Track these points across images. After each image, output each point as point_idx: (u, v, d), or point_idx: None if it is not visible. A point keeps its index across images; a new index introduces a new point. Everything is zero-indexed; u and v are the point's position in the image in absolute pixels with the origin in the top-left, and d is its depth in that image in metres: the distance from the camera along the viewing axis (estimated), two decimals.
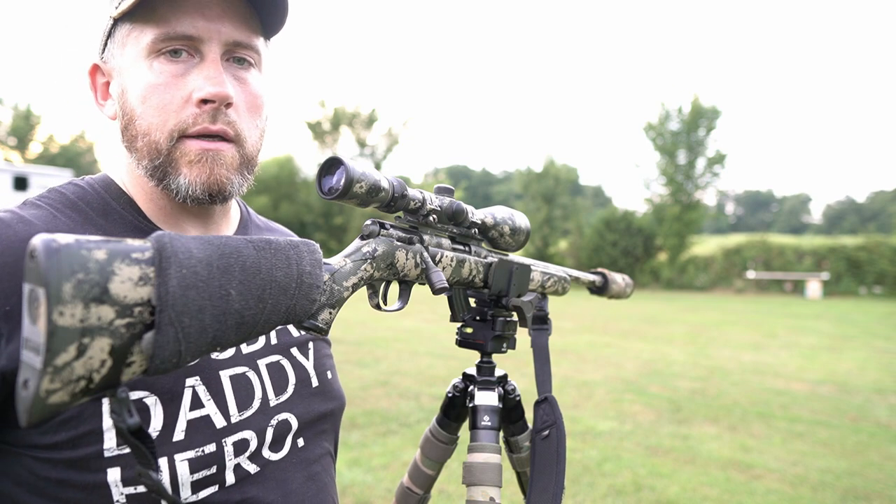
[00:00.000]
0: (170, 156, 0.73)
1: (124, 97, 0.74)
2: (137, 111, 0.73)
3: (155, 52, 0.72)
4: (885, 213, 55.43)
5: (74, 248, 0.44)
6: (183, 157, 0.73)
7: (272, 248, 0.59)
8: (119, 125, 0.76)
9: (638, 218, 24.93)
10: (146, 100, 0.72)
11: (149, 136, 0.73)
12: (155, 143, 0.73)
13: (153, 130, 0.72)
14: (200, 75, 0.72)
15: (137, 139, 0.74)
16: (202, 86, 0.72)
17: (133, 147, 0.74)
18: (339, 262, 0.70)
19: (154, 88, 0.72)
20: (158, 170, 0.73)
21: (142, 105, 0.72)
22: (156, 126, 0.72)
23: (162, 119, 0.72)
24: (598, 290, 1.28)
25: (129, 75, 0.74)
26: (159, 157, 0.73)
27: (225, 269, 0.53)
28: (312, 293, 0.62)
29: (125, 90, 0.74)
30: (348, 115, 32.79)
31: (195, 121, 0.72)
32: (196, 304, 0.50)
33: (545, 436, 0.92)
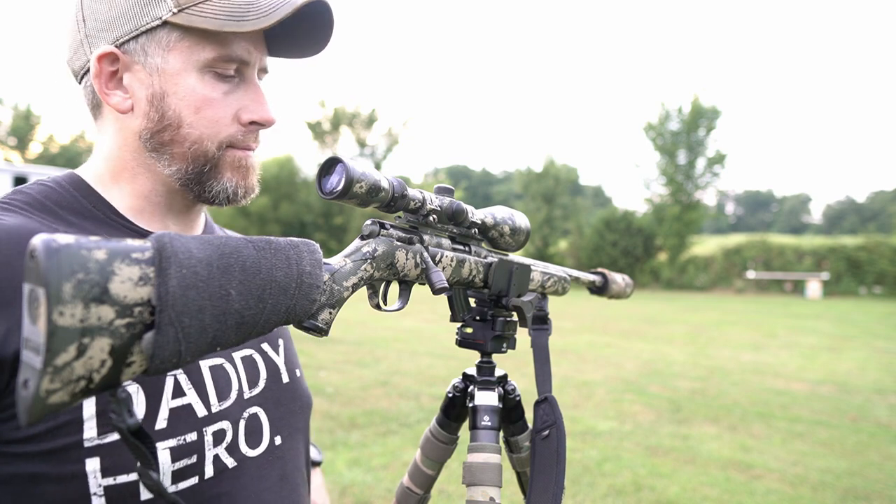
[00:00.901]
0: (217, 163, 0.78)
1: (164, 100, 0.75)
2: (187, 119, 0.75)
3: (208, 68, 0.75)
4: (885, 213, 55.39)
5: (74, 248, 0.44)
6: (227, 164, 0.79)
7: (272, 247, 0.59)
8: (143, 124, 0.76)
9: (638, 218, 24.95)
10: (199, 111, 0.75)
11: (199, 145, 0.76)
12: (205, 151, 0.77)
13: (205, 140, 0.76)
14: (247, 97, 0.78)
15: (182, 144, 0.76)
16: (254, 109, 0.78)
17: (169, 151, 0.77)
18: (339, 262, 0.70)
19: (209, 102, 0.76)
20: (201, 174, 0.78)
21: (194, 115, 0.75)
22: (208, 136, 0.76)
23: (214, 131, 0.77)
24: (598, 290, 1.28)
25: (174, 81, 0.75)
26: (206, 164, 0.78)
27: (225, 269, 0.53)
28: (312, 293, 0.62)
29: (166, 93, 0.75)
30: (348, 115, 32.79)
31: (244, 138, 0.79)
32: (196, 304, 0.50)
33: (545, 436, 0.92)
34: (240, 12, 0.73)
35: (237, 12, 0.73)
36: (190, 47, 0.74)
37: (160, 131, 0.75)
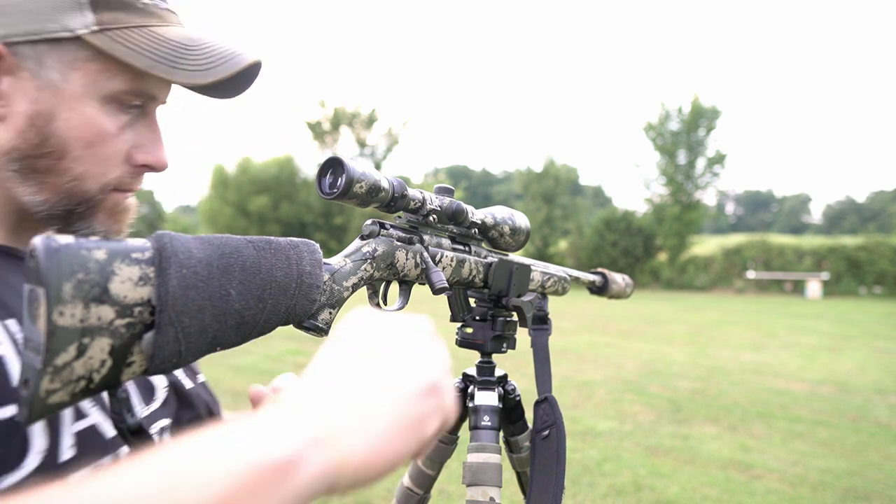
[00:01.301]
0: (94, 205, 0.67)
1: (50, 124, 0.63)
2: (74, 152, 0.64)
3: (113, 99, 0.65)
4: (885, 213, 55.41)
5: (74, 248, 0.45)
6: (105, 208, 0.68)
7: (272, 247, 0.59)
8: (14, 142, 0.62)
9: (638, 218, 24.95)
10: (91, 146, 0.64)
11: (80, 183, 0.65)
12: (85, 191, 0.66)
13: (89, 179, 0.65)
14: (145, 136, 0.68)
15: (60, 177, 0.64)
16: (150, 150, 0.68)
17: (41, 179, 0.64)
18: (339, 262, 0.70)
19: (104, 138, 0.65)
20: (71, 214, 0.66)
21: (84, 149, 0.64)
22: (93, 175, 0.65)
23: (101, 171, 0.66)
24: (598, 290, 1.28)
25: (69, 106, 0.63)
26: (82, 205, 0.66)
27: (225, 268, 0.53)
28: (312, 293, 0.62)
29: (55, 116, 0.63)
30: (348, 115, 32.80)
31: (130, 181, 0.68)
32: (196, 304, 0.50)
33: (545, 436, 0.92)
34: (173, 56, 0.64)
35: (170, 55, 0.64)
36: (99, 72, 0.63)
37: (36, 157, 0.63)
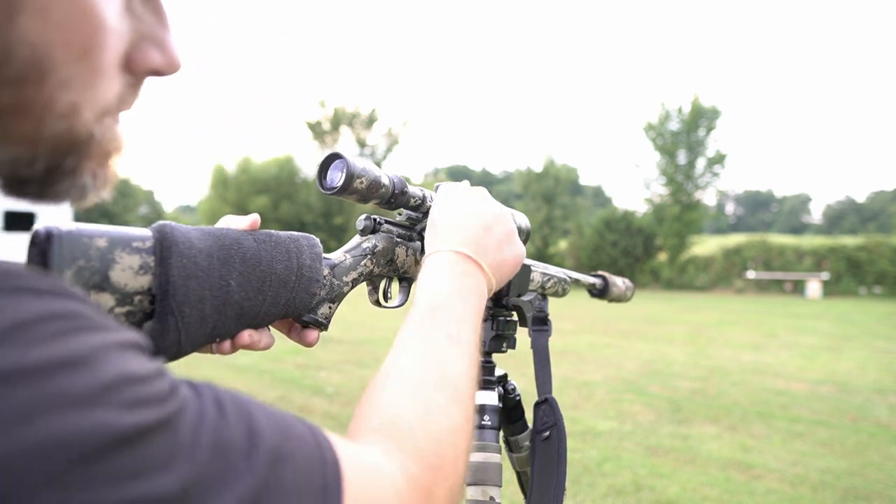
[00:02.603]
0: (85, 149, 0.40)
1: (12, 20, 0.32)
2: (58, 71, 0.35)
3: None
4: (885, 213, 55.44)
5: (76, 236, 0.45)
6: (99, 149, 0.41)
7: (272, 240, 0.59)
8: None
9: (638, 218, 24.95)
10: (87, 54, 0.36)
11: (71, 122, 0.37)
12: (76, 134, 0.38)
13: (82, 111, 0.38)
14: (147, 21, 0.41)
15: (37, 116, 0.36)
16: (158, 44, 0.41)
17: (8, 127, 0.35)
18: (340, 258, 0.70)
19: (104, 36, 0.36)
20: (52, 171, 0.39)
21: (76, 63, 0.35)
22: (88, 103, 0.38)
23: (98, 92, 0.38)
24: (598, 293, 1.27)
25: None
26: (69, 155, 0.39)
27: (225, 259, 0.53)
28: (312, 287, 0.62)
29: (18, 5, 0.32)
30: (348, 115, 32.79)
31: (126, 99, 0.42)
32: (196, 294, 0.50)
33: (546, 437, 0.91)
34: None
35: None
36: None
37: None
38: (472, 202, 0.71)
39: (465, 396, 0.52)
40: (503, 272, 0.70)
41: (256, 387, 5.40)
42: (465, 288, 0.61)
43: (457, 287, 0.61)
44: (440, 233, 0.67)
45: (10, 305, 0.29)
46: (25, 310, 0.29)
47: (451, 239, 0.66)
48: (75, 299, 0.32)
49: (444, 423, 0.47)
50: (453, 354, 0.53)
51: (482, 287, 0.64)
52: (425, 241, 0.69)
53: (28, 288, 0.30)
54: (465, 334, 0.57)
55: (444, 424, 0.47)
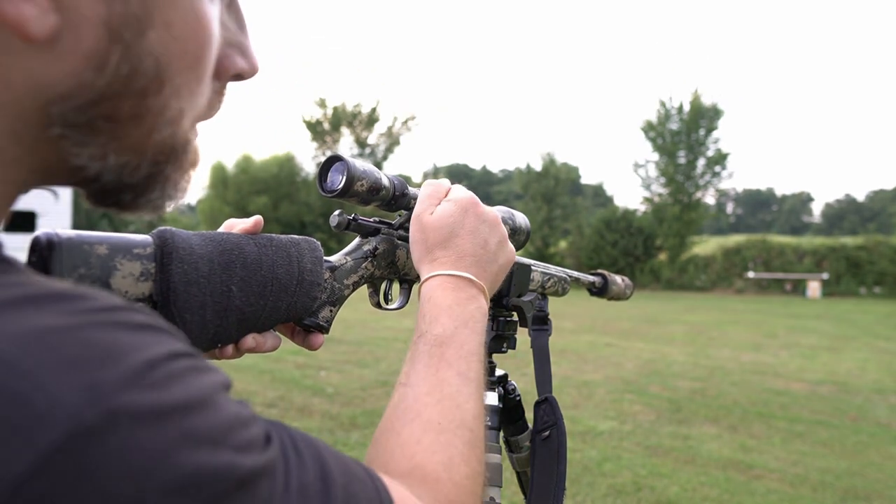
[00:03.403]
0: (182, 155, 0.41)
1: (140, 35, 0.34)
2: (174, 80, 0.37)
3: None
4: (885, 212, 55.42)
5: (76, 243, 0.45)
6: (192, 156, 0.43)
7: (273, 244, 0.59)
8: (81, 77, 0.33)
9: (638, 218, 24.94)
10: (199, 63, 0.38)
11: (175, 128, 0.39)
12: (177, 140, 0.40)
13: (185, 116, 0.39)
14: (233, 28, 0.43)
15: (150, 124, 0.37)
16: (243, 50, 0.44)
17: (114, 133, 0.36)
18: (340, 260, 0.69)
19: (213, 45, 0.39)
20: (154, 177, 0.40)
21: (188, 72, 0.37)
22: (189, 109, 0.39)
23: (199, 100, 0.40)
24: (597, 291, 1.27)
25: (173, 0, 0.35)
26: (170, 164, 0.40)
27: (226, 265, 0.53)
28: (313, 290, 0.62)
29: (151, 22, 0.34)
30: (348, 115, 32.77)
31: (213, 107, 0.43)
32: (198, 300, 0.50)
33: (546, 436, 0.92)
34: None
35: None
36: None
37: (116, 98, 0.35)
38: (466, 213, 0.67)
39: (479, 439, 0.53)
40: (497, 282, 0.71)
41: (256, 387, 5.40)
42: (471, 317, 0.61)
43: (462, 317, 0.60)
44: (437, 251, 0.65)
45: (141, 343, 0.29)
46: (154, 349, 0.30)
47: (451, 260, 0.65)
48: (179, 337, 0.33)
49: (465, 471, 0.49)
50: (466, 394, 0.54)
51: (485, 308, 0.64)
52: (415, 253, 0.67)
53: (149, 325, 0.31)
54: (473, 370, 0.57)
55: (466, 473, 0.49)
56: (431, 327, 0.59)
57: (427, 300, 0.62)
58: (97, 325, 0.29)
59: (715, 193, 26.59)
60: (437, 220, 0.67)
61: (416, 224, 0.68)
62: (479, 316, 0.63)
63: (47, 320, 0.28)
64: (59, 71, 0.33)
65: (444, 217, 0.67)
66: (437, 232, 0.66)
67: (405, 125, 33.23)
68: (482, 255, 0.67)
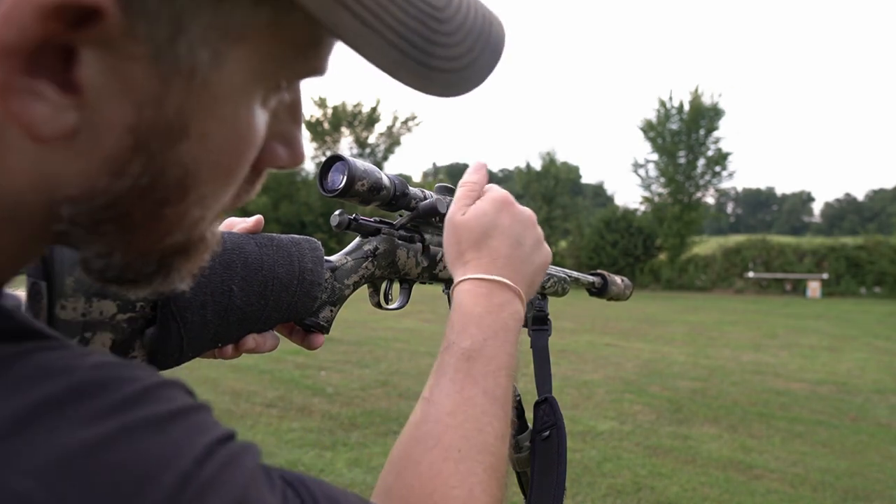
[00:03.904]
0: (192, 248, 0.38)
1: (172, 146, 0.31)
2: (200, 188, 0.33)
3: (273, 88, 0.35)
4: (885, 212, 55.42)
5: None
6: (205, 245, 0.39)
7: (274, 244, 0.59)
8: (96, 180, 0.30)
9: (638, 218, 24.94)
10: (231, 173, 0.35)
11: (187, 232, 0.36)
12: (185, 240, 0.37)
13: (204, 220, 0.36)
14: (286, 122, 0.39)
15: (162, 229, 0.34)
16: (291, 142, 0.39)
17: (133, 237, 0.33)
18: (341, 260, 0.69)
19: (252, 154, 0.35)
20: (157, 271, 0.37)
21: (218, 182, 0.34)
22: (210, 214, 0.36)
23: (221, 204, 0.37)
24: (597, 291, 1.27)
25: (215, 109, 0.31)
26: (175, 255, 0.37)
27: (227, 264, 0.53)
28: (314, 290, 0.62)
29: (183, 131, 0.31)
30: (348, 115, 32.77)
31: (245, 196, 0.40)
32: (198, 299, 0.50)
33: (546, 436, 0.92)
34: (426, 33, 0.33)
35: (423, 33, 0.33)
36: (283, 45, 0.32)
37: (132, 202, 0.31)
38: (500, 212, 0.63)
39: (501, 462, 0.51)
40: (535, 285, 0.66)
41: (256, 387, 5.40)
42: (503, 326, 0.57)
43: (493, 327, 0.57)
44: (470, 254, 0.61)
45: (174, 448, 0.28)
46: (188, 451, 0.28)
47: (484, 263, 0.60)
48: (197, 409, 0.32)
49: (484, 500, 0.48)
50: (491, 414, 0.52)
51: (519, 314, 0.60)
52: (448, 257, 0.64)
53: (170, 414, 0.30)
54: (501, 386, 0.55)
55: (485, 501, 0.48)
56: (459, 339, 0.55)
57: (457, 308, 0.58)
58: (125, 431, 0.27)
59: (715, 193, 26.61)
60: (469, 219, 0.62)
61: (448, 225, 0.64)
62: (513, 324, 0.59)
63: (67, 439, 0.25)
64: (71, 172, 0.29)
65: (478, 216, 0.63)
66: (470, 233, 0.62)
67: (405, 125, 33.23)
68: (517, 257, 0.62)
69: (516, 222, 0.64)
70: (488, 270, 0.60)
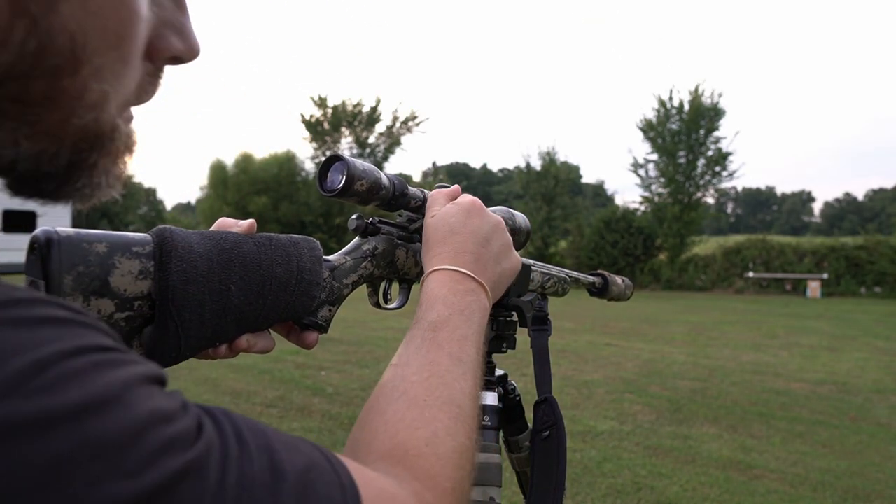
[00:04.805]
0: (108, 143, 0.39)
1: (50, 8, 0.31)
2: (94, 59, 0.34)
3: None
4: (885, 212, 55.45)
5: (75, 241, 0.45)
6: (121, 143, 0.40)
7: (272, 243, 0.59)
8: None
9: (638, 218, 24.93)
10: (122, 41, 0.35)
11: (99, 114, 0.36)
12: (100, 124, 0.37)
13: (110, 102, 0.36)
14: (168, 5, 0.40)
15: (67, 107, 0.34)
16: (180, 30, 0.40)
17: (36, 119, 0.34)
18: (340, 260, 0.70)
19: (139, 21, 0.36)
20: (75, 167, 0.37)
21: (110, 50, 0.34)
22: (116, 94, 0.37)
23: (125, 83, 0.37)
24: (597, 291, 1.27)
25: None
26: (94, 149, 0.38)
27: (225, 264, 0.53)
28: (312, 290, 0.62)
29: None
30: (348, 115, 32.75)
31: (148, 89, 0.41)
32: (196, 298, 0.50)
33: (546, 436, 0.92)
34: None
35: None
36: None
37: (23, 77, 0.32)
38: (468, 214, 0.69)
39: (469, 416, 0.52)
40: (501, 286, 0.70)
41: (256, 387, 5.40)
42: (467, 307, 0.61)
43: (458, 306, 0.61)
44: (437, 248, 0.66)
45: (33, 342, 0.26)
46: (50, 347, 0.26)
47: (450, 255, 0.65)
48: (95, 329, 0.30)
49: (450, 444, 0.48)
50: (456, 374, 0.54)
51: (484, 303, 0.64)
52: (422, 254, 0.69)
53: (53, 319, 0.28)
54: (467, 353, 0.57)
55: (451, 446, 0.48)
56: (426, 314, 0.59)
57: (425, 291, 0.63)
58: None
59: (715, 193, 26.59)
60: (437, 220, 0.68)
61: (423, 229, 0.69)
62: (477, 308, 0.62)
63: None
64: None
65: (446, 216, 0.68)
66: (437, 231, 0.67)
67: (405, 125, 33.21)
68: (483, 254, 0.67)
69: (484, 224, 0.68)
70: (454, 262, 0.64)
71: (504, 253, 0.70)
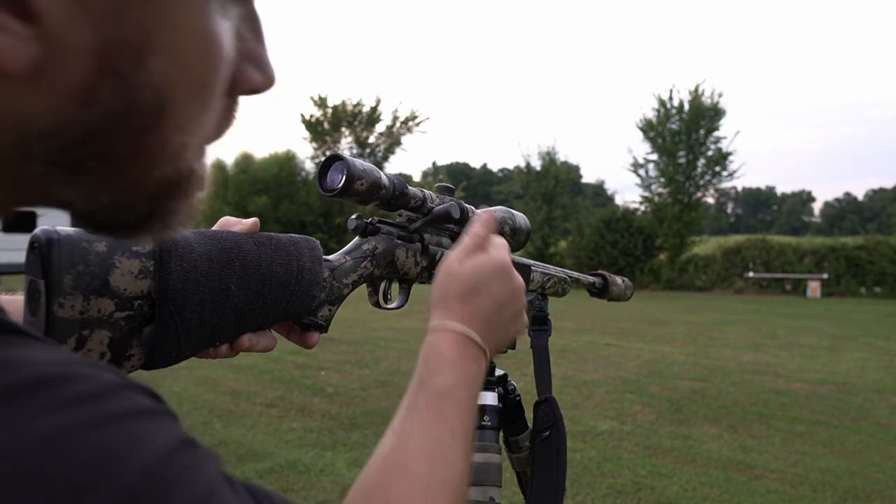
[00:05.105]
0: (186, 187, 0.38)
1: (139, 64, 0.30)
2: (177, 113, 0.32)
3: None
4: (885, 212, 55.45)
5: (75, 240, 0.45)
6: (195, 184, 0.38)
7: (272, 243, 0.59)
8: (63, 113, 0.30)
9: (638, 218, 24.93)
10: (205, 89, 0.34)
11: (177, 164, 0.35)
12: (180, 173, 0.36)
13: (189, 150, 0.35)
14: (249, 38, 0.38)
15: (148, 162, 0.33)
16: (258, 62, 0.38)
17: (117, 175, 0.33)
18: (340, 260, 0.70)
19: (222, 67, 0.34)
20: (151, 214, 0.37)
21: (192, 100, 0.33)
22: (196, 142, 0.36)
23: (205, 129, 0.36)
24: (598, 291, 1.27)
25: (175, 16, 0.30)
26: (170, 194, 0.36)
27: (225, 263, 0.53)
28: (312, 289, 0.62)
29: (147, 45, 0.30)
30: (348, 115, 32.75)
31: (225, 124, 0.39)
32: (196, 298, 0.50)
33: (546, 436, 0.92)
34: None
35: None
36: None
37: (108, 136, 0.31)
38: (496, 277, 0.65)
39: (462, 496, 0.54)
40: (499, 350, 0.69)
41: (256, 387, 5.40)
42: (472, 377, 0.61)
43: (464, 375, 0.60)
44: (455, 304, 0.64)
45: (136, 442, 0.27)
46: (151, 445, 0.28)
47: (465, 317, 0.63)
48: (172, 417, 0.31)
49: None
50: (456, 453, 0.55)
51: (483, 370, 0.64)
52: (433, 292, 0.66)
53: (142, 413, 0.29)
54: (466, 429, 0.58)
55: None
56: (433, 377, 0.58)
57: (430, 347, 0.61)
58: (85, 424, 0.26)
59: (714, 193, 26.58)
60: (465, 272, 0.64)
61: (444, 269, 0.65)
62: (479, 376, 0.62)
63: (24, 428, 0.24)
64: (39, 106, 0.29)
65: (473, 272, 0.64)
66: (462, 285, 0.64)
67: (405, 125, 33.20)
68: (495, 321, 0.65)
69: (506, 290, 0.66)
70: (466, 324, 0.63)
71: (514, 319, 0.69)
